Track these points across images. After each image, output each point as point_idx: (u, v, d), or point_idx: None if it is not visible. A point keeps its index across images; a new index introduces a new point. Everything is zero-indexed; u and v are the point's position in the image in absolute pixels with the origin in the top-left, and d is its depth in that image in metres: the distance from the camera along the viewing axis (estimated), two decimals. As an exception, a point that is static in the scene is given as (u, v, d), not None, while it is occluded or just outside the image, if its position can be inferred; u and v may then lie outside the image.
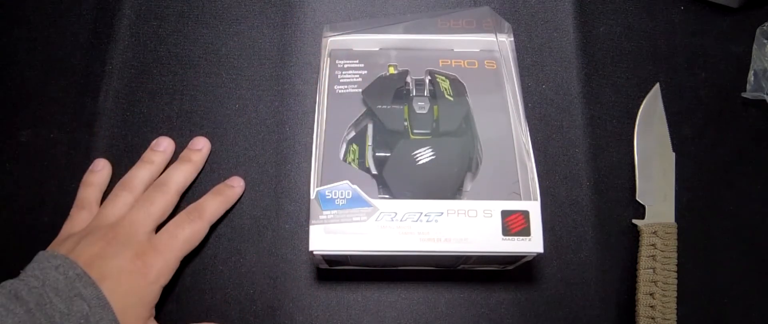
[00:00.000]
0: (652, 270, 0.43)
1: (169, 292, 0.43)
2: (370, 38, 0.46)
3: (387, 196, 0.39)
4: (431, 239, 0.36)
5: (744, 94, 0.49)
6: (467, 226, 0.37)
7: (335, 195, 0.38)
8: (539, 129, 0.48)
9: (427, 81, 0.44)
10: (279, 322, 0.43)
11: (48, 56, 0.50)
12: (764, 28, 0.50)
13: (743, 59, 0.51)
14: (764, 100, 0.49)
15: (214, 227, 0.45)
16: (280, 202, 0.45)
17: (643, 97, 0.49)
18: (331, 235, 0.37)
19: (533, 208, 0.37)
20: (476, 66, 0.44)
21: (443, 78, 0.44)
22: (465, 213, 0.37)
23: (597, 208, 0.46)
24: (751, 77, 0.50)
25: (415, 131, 0.41)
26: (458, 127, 0.42)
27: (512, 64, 0.44)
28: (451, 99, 0.43)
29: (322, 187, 0.38)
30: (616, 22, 0.52)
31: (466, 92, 0.43)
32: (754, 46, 0.50)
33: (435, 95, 0.43)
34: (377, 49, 0.45)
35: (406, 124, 0.42)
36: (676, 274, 0.43)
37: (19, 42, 0.51)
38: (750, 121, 0.49)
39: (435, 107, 0.42)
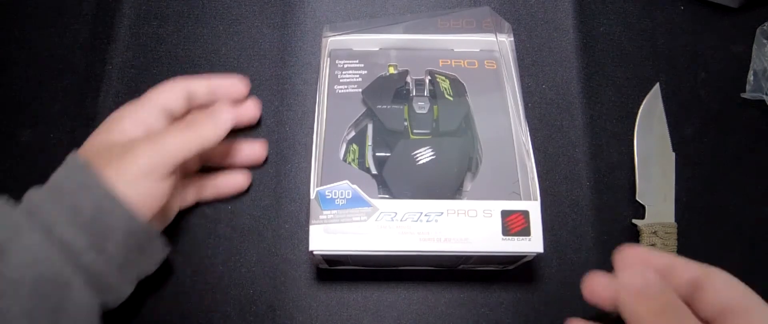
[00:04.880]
0: (652, 270, 0.43)
1: (169, 292, 0.43)
2: (370, 38, 0.46)
3: (387, 196, 0.39)
4: (431, 239, 0.36)
5: (744, 95, 0.49)
6: (467, 226, 0.37)
7: (335, 195, 0.38)
8: (539, 129, 0.48)
9: (427, 81, 0.44)
10: (279, 322, 0.43)
11: (48, 56, 0.50)
12: (764, 28, 0.50)
13: (743, 59, 0.51)
14: (764, 100, 0.49)
15: (214, 227, 0.45)
16: (280, 202, 0.45)
17: (643, 97, 0.49)
18: (331, 235, 0.37)
19: (533, 208, 0.37)
20: (476, 66, 0.44)
21: (443, 78, 0.44)
22: (465, 213, 0.37)
23: (597, 208, 0.46)
24: (751, 77, 0.50)
25: (415, 131, 0.41)
26: (458, 127, 0.42)
27: (512, 64, 0.43)
28: (451, 99, 0.43)
29: (322, 187, 0.38)
30: (616, 22, 0.52)
31: (466, 92, 0.43)
32: (754, 46, 0.50)
33: (435, 95, 0.43)
34: (377, 49, 0.45)
35: (406, 124, 0.42)
36: (676, 274, 0.43)
37: (20, 42, 0.51)
38: (750, 121, 0.49)
39: (435, 107, 0.42)
